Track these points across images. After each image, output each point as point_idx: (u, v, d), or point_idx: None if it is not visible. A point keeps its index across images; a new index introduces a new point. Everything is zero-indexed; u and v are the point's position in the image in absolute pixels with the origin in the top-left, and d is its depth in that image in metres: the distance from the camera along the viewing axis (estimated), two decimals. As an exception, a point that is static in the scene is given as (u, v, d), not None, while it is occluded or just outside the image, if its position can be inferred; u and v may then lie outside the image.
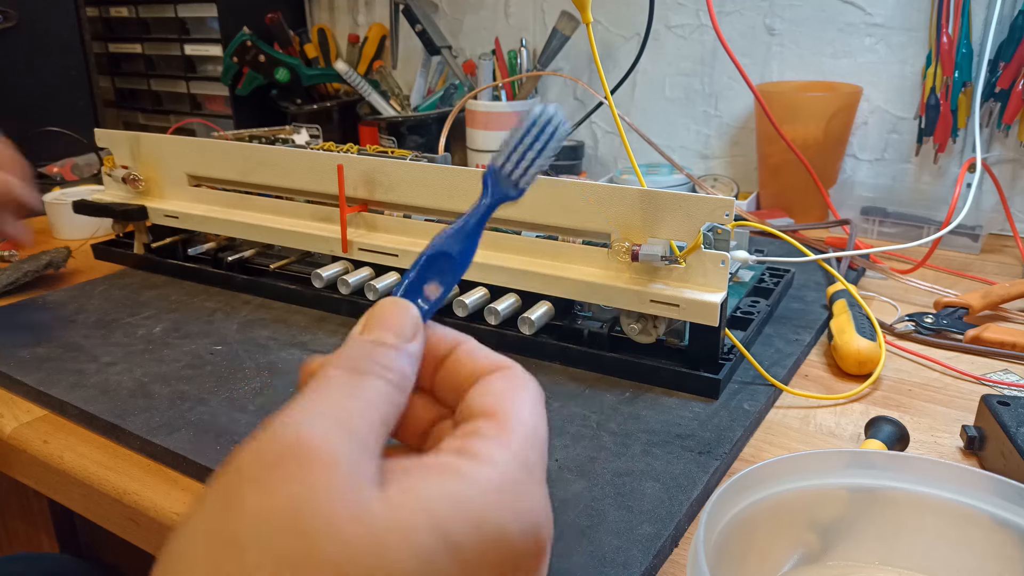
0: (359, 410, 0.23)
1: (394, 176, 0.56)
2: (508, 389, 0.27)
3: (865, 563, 0.33)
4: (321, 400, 0.24)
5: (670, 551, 0.36)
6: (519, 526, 0.23)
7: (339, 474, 0.21)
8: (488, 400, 0.26)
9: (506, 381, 0.27)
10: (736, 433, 0.43)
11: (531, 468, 0.24)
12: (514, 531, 0.22)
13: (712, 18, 0.76)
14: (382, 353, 0.26)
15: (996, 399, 0.43)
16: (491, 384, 0.27)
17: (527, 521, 0.23)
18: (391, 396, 0.25)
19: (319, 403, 0.23)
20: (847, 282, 0.60)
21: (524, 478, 0.24)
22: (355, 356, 0.25)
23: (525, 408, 0.26)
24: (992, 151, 0.81)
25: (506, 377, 0.27)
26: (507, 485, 0.23)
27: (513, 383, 0.27)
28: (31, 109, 1.04)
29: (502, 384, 0.27)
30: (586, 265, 0.51)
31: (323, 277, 0.59)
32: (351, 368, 0.25)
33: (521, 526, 0.23)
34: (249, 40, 1.10)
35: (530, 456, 0.24)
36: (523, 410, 0.26)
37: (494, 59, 1.01)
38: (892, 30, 0.83)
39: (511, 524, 0.22)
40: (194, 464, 0.42)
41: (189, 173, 0.66)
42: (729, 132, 0.95)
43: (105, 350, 0.54)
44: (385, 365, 0.25)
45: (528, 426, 0.25)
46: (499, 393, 0.26)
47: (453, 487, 0.22)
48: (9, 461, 0.48)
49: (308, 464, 0.21)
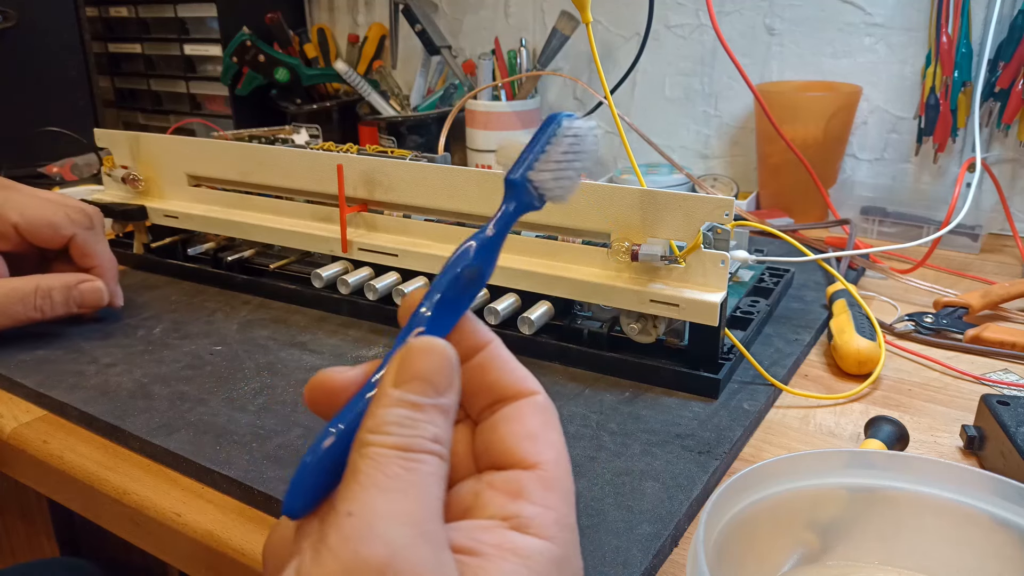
0: (426, 506, 0.22)
1: (394, 176, 0.56)
2: (543, 428, 0.26)
3: (865, 563, 0.33)
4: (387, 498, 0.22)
5: (670, 551, 0.36)
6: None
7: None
8: (525, 446, 0.25)
9: (540, 416, 0.26)
10: (736, 433, 0.43)
11: (575, 528, 0.25)
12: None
13: (712, 18, 0.76)
14: (425, 423, 0.24)
15: (996, 399, 0.43)
16: (526, 420, 0.26)
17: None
18: (442, 470, 0.24)
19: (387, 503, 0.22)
20: (847, 282, 0.60)
21: (572, 541, 0.25)
22: (402, 430, 0.23)
23: (560, 453, 0.26)
24: (992, 151, 0.81)
25: (539, 410, 0.26)
26: (562, 557, 0.24)
27: (547, 420, 0.26)
28: (31, 109, 1.04)
29: (537, 421, 0.26)
30: (586, 265, 0.51)
31: (323, 277, 0.59)
32: (403, 447, 0.23)
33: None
34: (249, 40, 1.10)
35: (572, 514, 0.25)
36: (560, 457, 0.25)
37: (494, 59, 1.01)
38: (892, 30, 0.83)
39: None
40: (194, 464, 0.42)
41: (189, 173, 0.66)
42: (729, 132, 0.95)
43: (105, 351, 0.54)
44: (432, 437, 0.24)
45: (565, 478, 0.25)
46: (536, 436, 0.26)
47: (519, 572, 0.22)
48: (9, 461, 0.48)
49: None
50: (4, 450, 0.48)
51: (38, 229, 0.55)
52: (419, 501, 0.22)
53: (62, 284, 0.55)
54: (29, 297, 0.53)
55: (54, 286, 0.54)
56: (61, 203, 0.56)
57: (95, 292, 0.56)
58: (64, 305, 0.55)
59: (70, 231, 0.56)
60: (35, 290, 0.54)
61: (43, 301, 0.54)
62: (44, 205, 0.56)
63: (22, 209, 0.55)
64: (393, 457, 0.22)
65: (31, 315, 0.54)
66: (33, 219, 0.55)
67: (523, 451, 0.25)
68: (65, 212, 0.56)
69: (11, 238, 0.55)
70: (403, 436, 0.23)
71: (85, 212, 0.57)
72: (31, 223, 0.55)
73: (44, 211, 0.55)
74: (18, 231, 0.55)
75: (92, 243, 0.57)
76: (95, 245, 0.57)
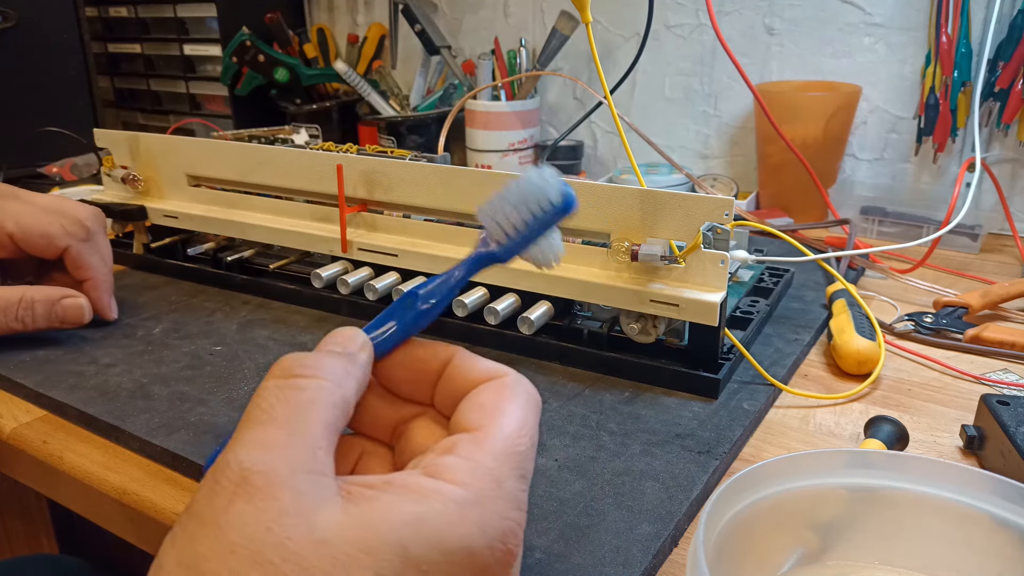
0: (301, 428, 0.24)
1: (393, 176, 0.56)
2: (496, 401, 0.27)
3: (865, 563, 0.33)
4: (260, 428, 0.24)
5: (670, 551, 0.36)
6: (485, 540, 0.23)
7: (293, 502, 0.22)
8: (473, 415, 0.27)
9: (495, 392, 0.28)
10: (736, 433, 0.43)
11: (501, 481, 0.25)
12: (480, 545, 0.23)
13: (711, 18, 0.76)
14: (305, 357, 0.26)
15: (995, 398, 0.43)
16: (480, 396, 0.28)
17: (494, 534, 0.24)
18: (333, 396, 0.25)
19: (263, 434, 0.24)
20: (846, 282, 0.60)
21: (492, 492, 0.24)
22: (288, 365, 0.26)
23: (510, 420, 0.26)
24: (991, 150, 0.81)
25: (496, 388, 0.28)
26: (471, 501, 0.24)
27: (503, 394, 0.27)
28: (30, 109, 1.04)
29: (490, 395, 0.27)
30: (585, 265, 0.51)
31: (323, 277, 0.59)
32: (287, 385, 0.25)
33: (488, 540, 0.24)
34: (248, 40, 1.09)
35: (503, 469, 0.25)
36: (507, 422, 0.26)
37: (493, 59, 1.01)
38: (891, 30, 0.83)
39: (477, 539, 0.23)
40: (194, 465, 0.42)
41: (188, 173, 0.66)
42: (728, 132, 0.95)
43: (104, 351, 0.54)
44: (313, 366, 0.26)
45: (507, 439, 0.26)
46: (485, 406, 0.27)
47: (415, 508, 0.23)
48: (9, 461, 0.48)
49: (261, 497, 0.22)
50: (4, 450, 0.48)
51: (32, 239, 0.55)
52: (287, 427, 0.24)
53: (45, 298, 0.54)
54: (12, 307, 0.53)
55: (37, 299, 0.54)
56: (58, 213, 0.56)
57: (76, 309, 0.55)
58: (46, 319, 0.54)
59: (64, 243, 0.56)
60: (19, 300, 0.53)
61: (25, 313, 0.53)
62: (40, 215, 0.55)
63: (18, 218, 0.55)
64: (271, 389, 0.25)
65: (12, 326, 0.53)
66: (28, 229, 0.55)
67: (468, 420, 0.27)
68: (61, 223, 0.56)
69: (7, 246, 0.55)
70: (282, 369, 0.26)
71: (82, 224, 0.57)
72: (26, 233, 0.55)
73: (39, 221, 0.55)
74: (13, 240, 0.55)
75: (86, 255, 0.56)
76: (89, 257, 0.57)
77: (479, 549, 0.23)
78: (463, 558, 0.23)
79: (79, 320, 0.56)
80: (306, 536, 0.21)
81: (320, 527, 0.21)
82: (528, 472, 0.26)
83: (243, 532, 0.21)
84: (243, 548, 0.21)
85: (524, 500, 0.26)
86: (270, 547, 0.21)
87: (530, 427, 0.27)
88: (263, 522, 0.21)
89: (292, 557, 0.21)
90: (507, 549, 0.24)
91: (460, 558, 0.23)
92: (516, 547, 0.25)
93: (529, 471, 0.26)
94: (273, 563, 0.20)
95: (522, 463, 0.26)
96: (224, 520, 0.21)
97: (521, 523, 0.25)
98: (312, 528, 0.21)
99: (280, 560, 0.20)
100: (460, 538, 0.23)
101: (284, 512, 0.21)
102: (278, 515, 0.21)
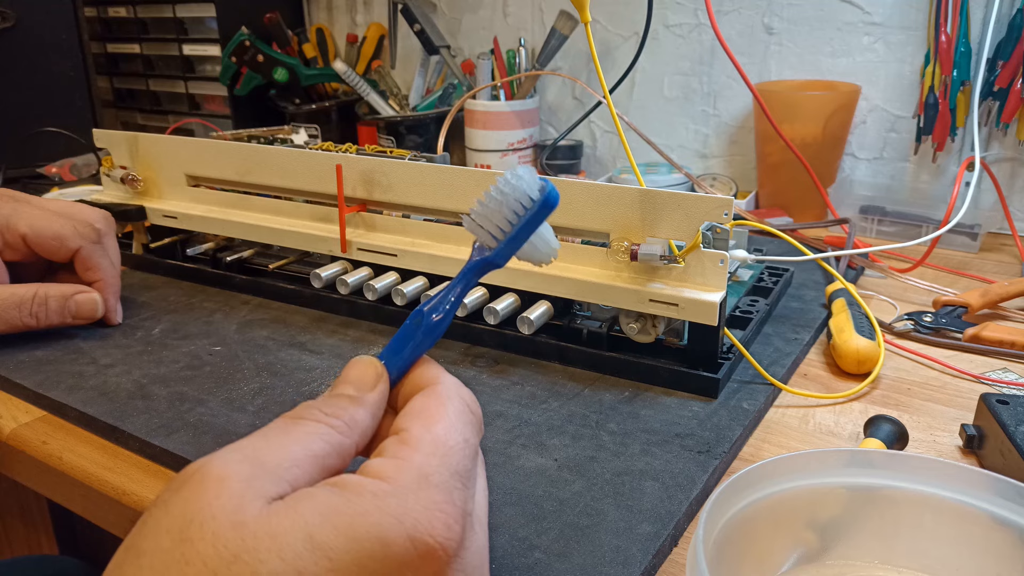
0: (277, 445, 0.26)
1: (393, 176, 0.56)
2: (425, 407, 0.29)
3: (864, 562, 0.33)
4: (247, 442, 0.26)
5: (669, 550, 0.36)
6: (403, 530, 0.24)
7: (228, 491, 0.23)
8: (405, 419, 0.28)
9: (425, 399, 0.29)
10: (735, 432, 0.43)
11: (428, 475, 0.26)
12: (396, 535, 0.24)
13: (710, 17, 0.77)
14: (327, 402, 0.28)
15: (995, 398, 0.43)
16: (414, 402, 0.29)
17: (415, 525, 0.24)
18: (327, 436, 0.27)
19: (242, 443, 0.26)
20: (846, 281, 0.60)
21: (415, 485, 0.25)
22: (301, 408, 0.28)
23: (438, 421, 0.28)
24: (991, 150, 0.81)
25: (427, 395, 0.29)
26: (390, 493, 0.24)
27: (431, 400, 0.29)
28: (29, 109, 1.04)
29: (421, 402, 0.29)
30: (585, 264, 0.51)
31: (322, 277, 0.59)
32: (292, 416, 0.28)
33: (406, 530, 0.24)
34: (247, 40, 1.09)
35: (431, 464, 0.26)
36: (436, 424, 0.28)
37: (492, 58, 1.01)
38: (890, 29, 0.83)
39: (392, 529, 0.24)
40: (193, 465, 0.42)
41: (188, 173, 0.66)
42: (728, 131, 0.95)
43: (104, 352, 0.54)
44: (328, 412, 0.28)
45: (435, 438, 0.27)
46: (415, 412, 0.28)
47: (330, 500, 0.24)
48: (9, 462, 0.48)
49: (203, 485, 0.24)
50: (4, 450, 0.48)
51: (45, 241, 0.56)
52: (269, 443, 0.26)
53: (59, 293, 0.55)
54: (27, 303, 0.54)
55: (51, 294, 0.55)
56: (70, 216, 0.57)
57: (90, 304, 0.56)
58: (59, 314, 0.55)
59: (76, 244, 0.57)
60: (33, 296, 0.54)
61: (39, 308, 0.54)
62: (52, 218, 0.57)
63: (31, 221, 0.56)
64: (279, 422, 0.28)
65: (26, 321, 0.54)
66: (41, 231, 0.56)
67: (399, 424, 0.28)
68: (72, 225, 0.57)
69: (19, 248, 0.56)
70: (298, 410, 0.28)
71: (92, 226, 0.58)
72: (39, 235, 0.56)
73: (52, 224, 0.56)
74: (26, 242, 0.56)
75: (97, 257, 0.57)
76: (100, 259, 0.58)
77: (395, 539, 0.24)
78: (376, 548, 0.23)
79: (92, 315, 0.56)
80: (229, 520, 0.23)
81: (243, 511, 0.23)
82: (464, 470, 0.27)
83: (183, 512, 0.23)
84: (175, 525, 0.23)
85: (462, 497, 0.26)
86: (196, 526, 0.23)
87: (460, 428, 0.28)
88: (201, 504, 0.23)
89: (210, 536, 0.22)
90: (435, 543, 0.24)
91: (372, 547, 0.23)
92: (449, 542, 0.25)
93: (466, 469, 0.27)
94: (191, 540, 0.22)
95: (454, 460, 0.27)
96: (170, 504, 0.24)
97: (457, 518, 0.25)
98: (236, 511, 0.23)
99: (198, 537, 0.22)
100: (372, 527, 0.23)
101: (220, 501, 0.23)
102: (214, 502, 0.23)
